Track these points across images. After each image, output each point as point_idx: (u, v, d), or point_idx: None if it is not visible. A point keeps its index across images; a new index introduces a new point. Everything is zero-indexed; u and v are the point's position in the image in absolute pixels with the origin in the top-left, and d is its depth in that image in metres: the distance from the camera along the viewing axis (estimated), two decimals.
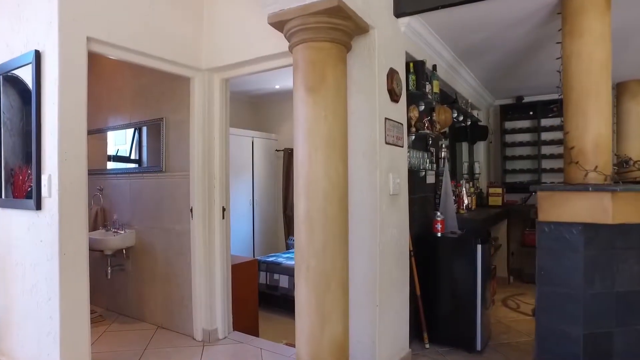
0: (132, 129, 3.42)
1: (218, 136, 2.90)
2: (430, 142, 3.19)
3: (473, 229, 3.14)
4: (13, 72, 2.22)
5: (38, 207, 2.06)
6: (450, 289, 2.80)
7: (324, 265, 1.83)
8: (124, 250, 3.32)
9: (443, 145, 3.40)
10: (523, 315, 3.51)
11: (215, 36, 2.72)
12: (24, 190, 2.18)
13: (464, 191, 3.75)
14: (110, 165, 3.64)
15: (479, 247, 2.70)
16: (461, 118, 4.01)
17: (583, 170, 2.06)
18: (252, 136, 5.59)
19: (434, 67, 3.04)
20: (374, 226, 2.17)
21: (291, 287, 4.03)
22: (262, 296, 3.83)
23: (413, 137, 2.77)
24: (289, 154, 5.89)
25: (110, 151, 3.66)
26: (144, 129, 3.32)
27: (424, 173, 3.05)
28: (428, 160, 3.09)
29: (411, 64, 2.68)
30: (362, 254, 2.18)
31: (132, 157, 3.50)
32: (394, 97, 2.31)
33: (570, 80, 2.13)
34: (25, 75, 2.13)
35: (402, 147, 2.47)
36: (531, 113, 4.85)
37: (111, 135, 3.63)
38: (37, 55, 2.04)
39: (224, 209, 2.93)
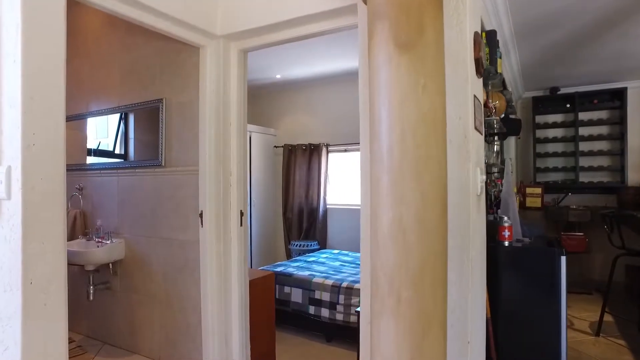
0: (118, 116, 2.75)
1: (236, 122, 2.29)
2: (485, 132, 2.69)
3: (539, 236, 2.66)
4: None
5: None
6: (524, 310, 2.30)
7: (422, 297, 1.27)
8: (110, 265, 2.66)
9: (496, 138, 2.90)
10: (583, 334, 3.06)
11: None
12: None
13: None
14: (92, 159, 2.96)
15: (563, 258, 2.21)
16: None
17: None
18: (250, 130, 4.98)
19: (497, 42, 2.53)
20: (464, 237, 1.63)
21: (305, 302, 3.49)
22: None
23: None
24: (289, 151, 5.31)
25: (91, 145, 2.98)
26: (133, 115, 2.66)
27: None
28: (489, 154, 2.59)
29: (483, 34, 2.16)
30: (450, 274, 1.63)
31: (117, 151, 2.84)
32: (479, 69, 1.78)
33: None
34: None
35: (482, 134, 1.95)
36: (568, 106, 4.43)
37: (91, 125, 2.95)
38: None
39: (242, 214, 2.33)
